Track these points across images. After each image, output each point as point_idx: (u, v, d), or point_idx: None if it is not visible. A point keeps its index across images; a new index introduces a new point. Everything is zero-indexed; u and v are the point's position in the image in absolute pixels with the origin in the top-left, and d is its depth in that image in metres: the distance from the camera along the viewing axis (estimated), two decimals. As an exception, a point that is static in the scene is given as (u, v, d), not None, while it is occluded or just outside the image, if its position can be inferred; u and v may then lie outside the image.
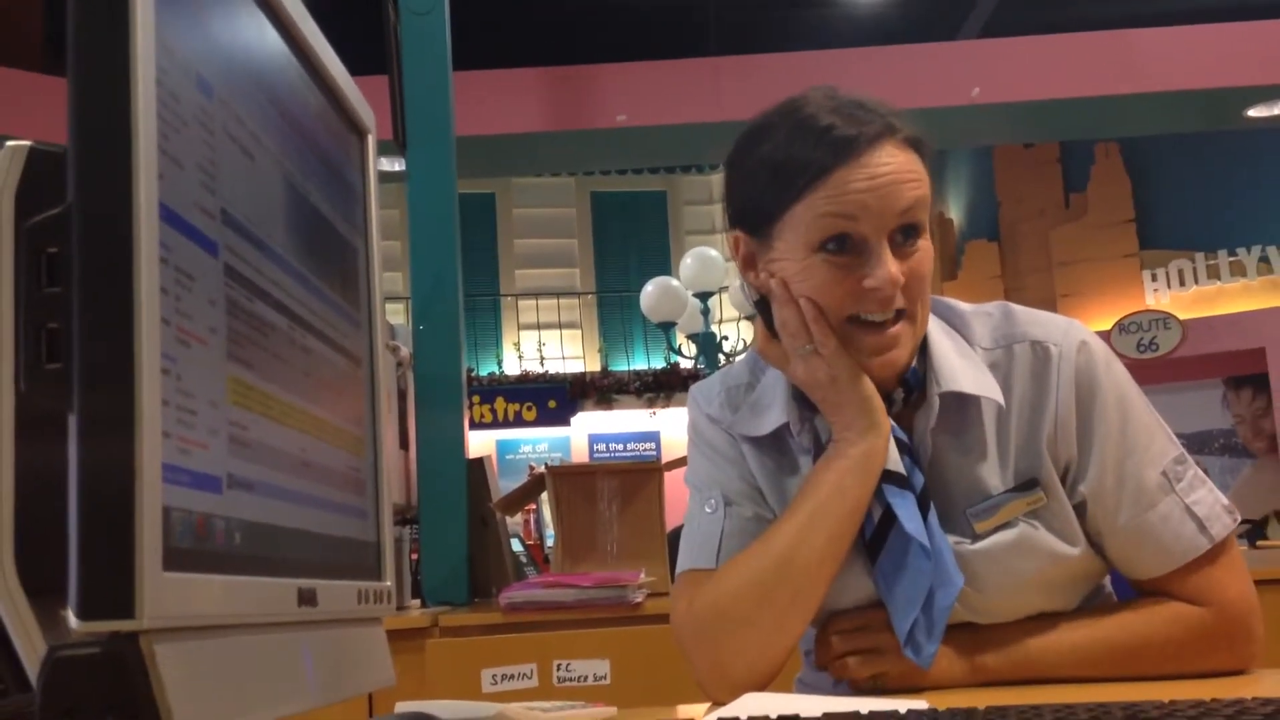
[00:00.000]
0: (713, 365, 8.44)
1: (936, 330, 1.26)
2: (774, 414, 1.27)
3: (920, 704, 0.88)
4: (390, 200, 9.93)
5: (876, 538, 1.19)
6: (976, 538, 1.20)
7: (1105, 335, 10.69)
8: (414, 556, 3.35)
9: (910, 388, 1.23)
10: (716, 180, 14.11)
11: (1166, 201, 11.56)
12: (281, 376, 0.62)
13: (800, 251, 1.17)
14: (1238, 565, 1.21)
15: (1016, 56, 7.33)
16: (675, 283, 8.09)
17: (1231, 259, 11.05)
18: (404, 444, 3.33)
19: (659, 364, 13.13)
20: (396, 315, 11.45)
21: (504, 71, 7.04)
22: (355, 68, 0.82)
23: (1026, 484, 1.20)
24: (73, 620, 0.44)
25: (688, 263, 7.86)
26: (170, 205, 0.49)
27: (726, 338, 9.55)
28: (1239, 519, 1.23)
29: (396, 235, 10.07)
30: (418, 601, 3.20)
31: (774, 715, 0.83)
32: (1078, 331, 1.26)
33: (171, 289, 0.48)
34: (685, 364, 11.91)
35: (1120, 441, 1.20)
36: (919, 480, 1.19)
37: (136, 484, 0.44)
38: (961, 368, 1.22)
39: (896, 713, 0.81)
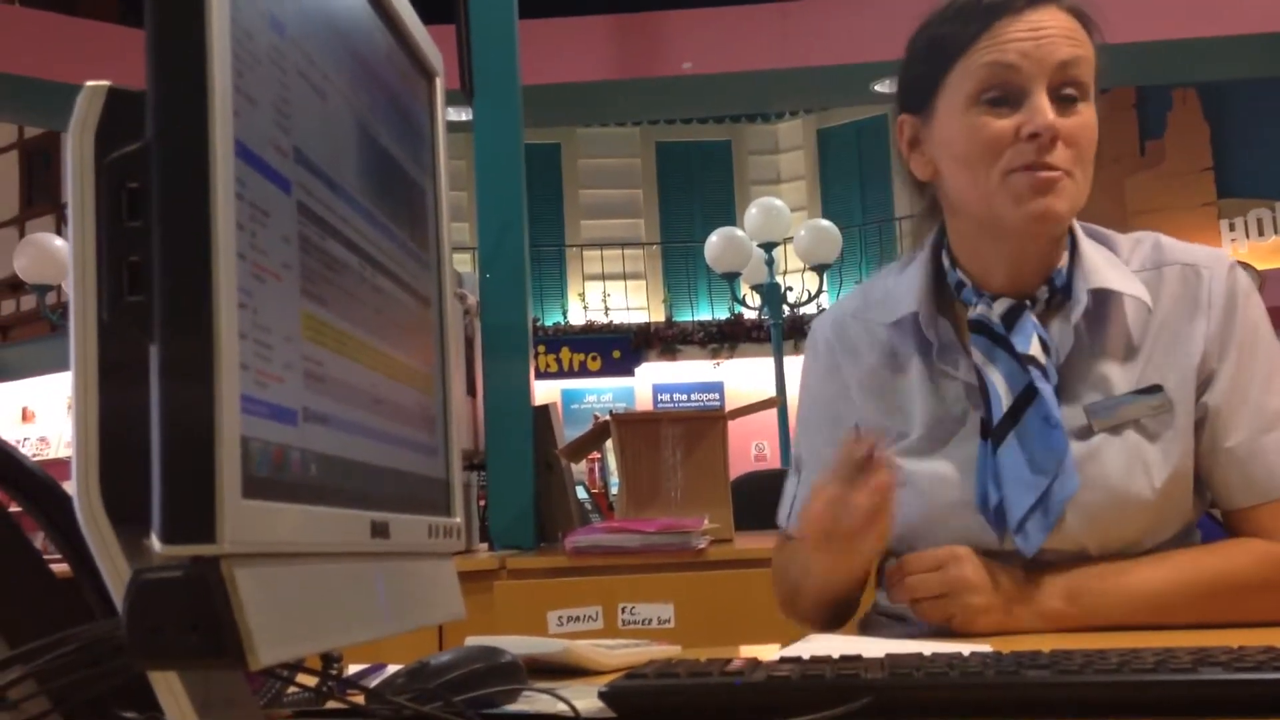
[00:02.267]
0: (777, 316, 8.41)
1: (1086, 240, 1.26)
2: (906, 303, 1.29)
3: (985, 647, 0.89)
4: (457, 151, 9.98)
5: (1010, 417, 1.19)
6: (1091, 434, 1.20)
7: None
8: (481, 503, 3.40)
9: (1055, 289, 1.24)
10: (782, 129, 13.99)
11: (1245, 149, 11.27)
12: (353, 314, 0.63)
13: (960, 108, 1.19)
14: None
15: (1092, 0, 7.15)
16: (740, 233, 8.05)
17: (1313, 208, 10.78)
18: (471, 391, 3.37)
19: (723, 315, 13.11)
20: (464, 265, 11.53)
21: (569, 20, 7.01)
22: (423, 16, 0.83)
23: (1151, 389, 1.20)
24: (156, 545, 0.46)
25: (752, 213, 7.82)
26: (245, 142, 0.50)
27: (791, 288, 9.50)
28: None
29: (463, 186, 10.13)
30: (485, 545, 3.24)
31: (836, 655, 0.83)
32: (1227, 259, 1.27)
33: (247, 225, 0.49)
34: (749, 315, 11.88)
35: (1250, 364, 1.21)
36: (1055, 378, 1.20)
37: (216, 413, 0.45)
38: (1110, 270, 1.23)
39: (960, 654, 0.81)
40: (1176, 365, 1.21)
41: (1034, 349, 1.20)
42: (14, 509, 0.69)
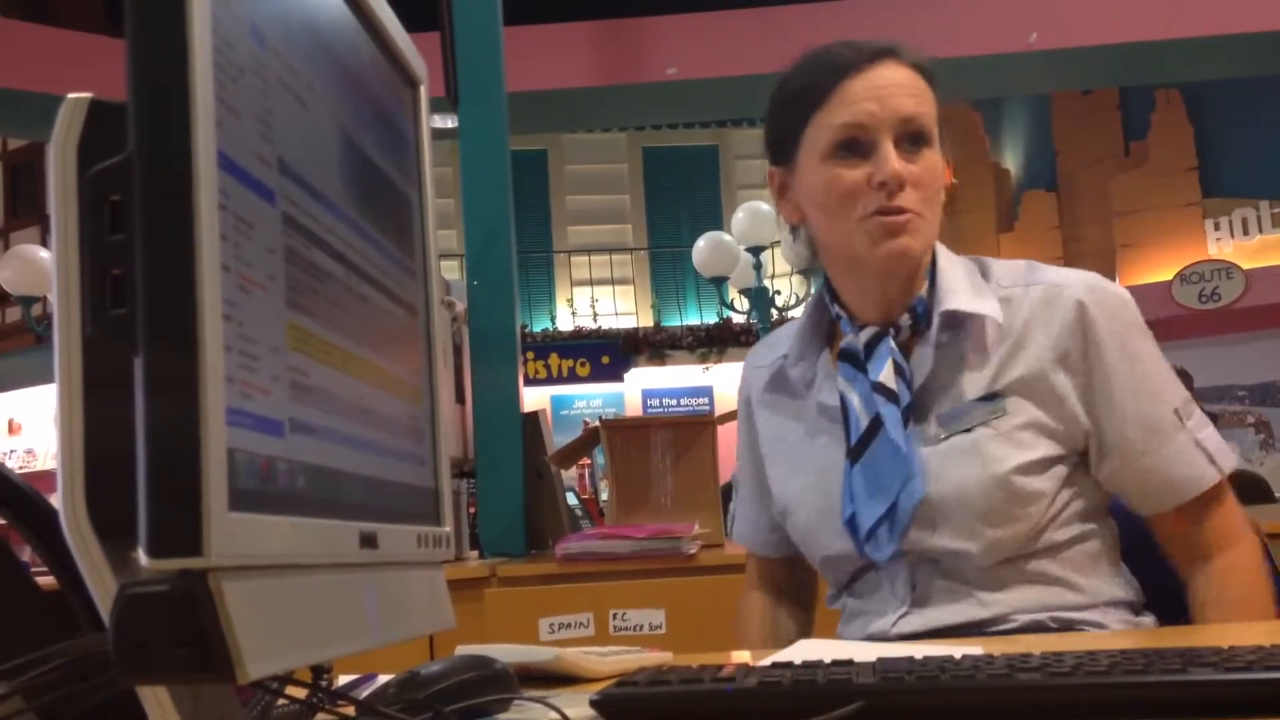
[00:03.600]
0: (765, 320, 8.42)
1: (949, 260, 1.36)
2: (783, 345, 1.45)
3: (976, 649, 0.89)
4: (443, 158, 9.97)
5: (862, 443, 1.31)
6: (940, 439, 1.30)
7: (1166, 286, 10.57)
8: (471, 510, 3.39)
9: (917, 316, 1.33)
10: (768, 133, 13.91)
11: (1229, 148, 11.30)
12: (340, 324, 0.62)
13: (817, 161, 1.31)
14: (1234, 498, 1.34)
15: (1074, 0, 7.17)
16: (727, 237, 8.05)
17: (1297, 207, 10.82)
18: (460, 398, 3.36)
19: (711, 319, 13.11)
20: (451, 272, 11.51)
21: (554, 26, 7.00)
22: (407, 24, 0.83)
23: (990, 396, 1.29)
24: (143, 559, 0.45)
25: (739, 217, 7.82)
26: (228, 153, 0.49)
27: (779, 292, 9.51)
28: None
29: (449, 193, 10.12)
30: (475, 553, 3.24)
31: (828, 660, 0.83)
32: (1096, 279, 1.34)
33: (231, 236, 0.49)
34: (738, 319, 11.88)
35: (1126, 380, 1.29)
36: (906, 398, 1.30)
37: (202, 426, 0.45)
38: (966, 292, 1.32)
39: (951, 658, 0.81)
40: (1020, 369, 1.29)
41: (884, 375, 1.31)
42: (0, 523, 0.69)
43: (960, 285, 1.33)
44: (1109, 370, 1.28)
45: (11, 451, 10.48)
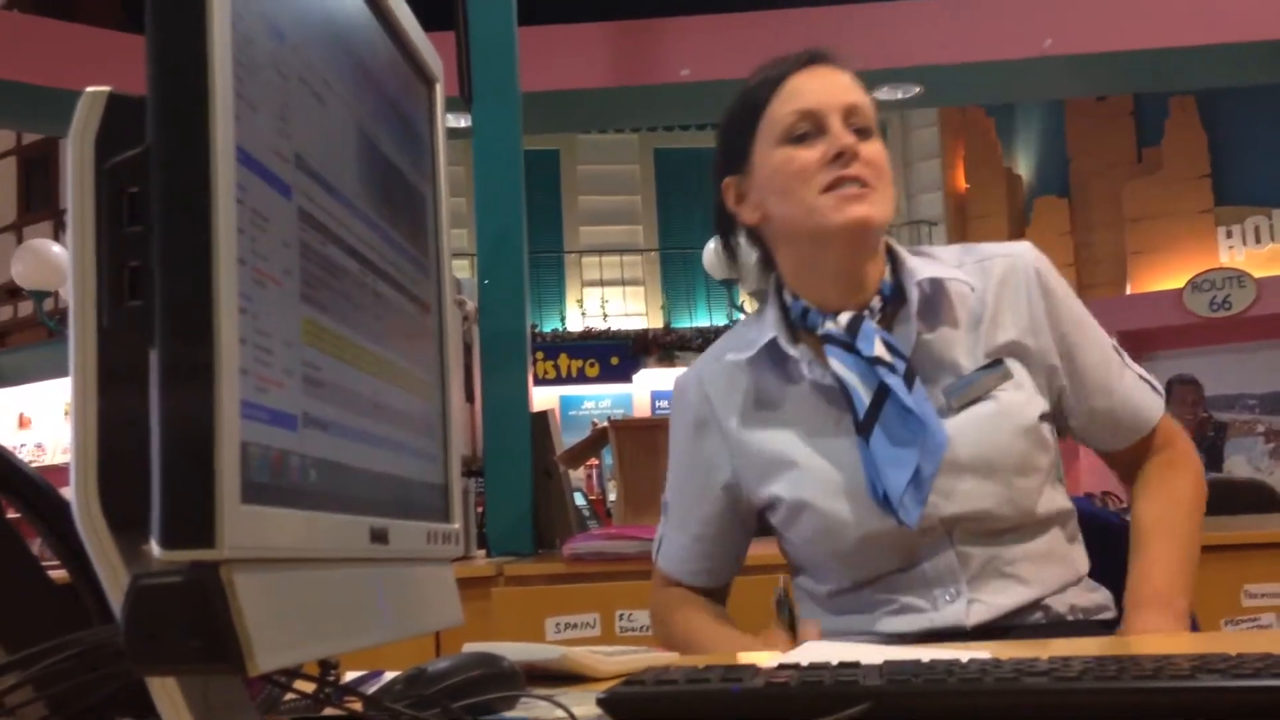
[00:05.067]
0: (776, 322, 8.38)
1: (904, 251, 1.42)
2: (762, 336, 1.42)
3: (983, 653, 0.89)
4: (456, 157, 9.97)
5: (871, 413, 1.32)
6: (953, 411, 1.34)
7: (1178, 293, 10.52)
8: (479, 509, 3.40)
9: (885, 298, 1.38)
10: (781, 136, 13.89)
11: (1243, 156, 11.26)
12: (353, 319, 0.63)
13: (772, 152, 1.37)
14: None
15: (1090, 6, 7.15)
16: (739, 239, 8.05)
17: (1310, 215, 10.77)
18: (469, 397, 3.37)
19: (721, 321, 13.09)
20: (462, 271, 11.51)
21: (568, 27, 7.00)
22: (423, 23, 0.83)
23: (993, 364, 1.36)
24: (155, 550, 0.46)
25: (751, 219, 7.81)
26: (246, 147, 0.50)
27: (790, 295, 9.48)
28: None
29: (462, 192, 10.13)
30: (483, 552, 3.24)
31: (835, 661, 0.83)
32: (1030, 246, 1.45)
33: (247, 230, 0.49)
34: (748, 321, 11.86)
35: (1079, 331, 1.41)
36: (901, 365, 1.33)
37: (216, 419, 0.45)
38: (932, 267, 1.39)
39: (959, 661, 0.81)
40: (1007, 334, 1.37)
41: (878, 350, 1.33)
42: (12, 515, 0.69)
43: (921, 263, 1.39)
44: (1070, 324, 1.40)
45: (21, 445, 10.52)
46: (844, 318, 1.36)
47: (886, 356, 1.32)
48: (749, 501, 1.45)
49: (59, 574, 0.68)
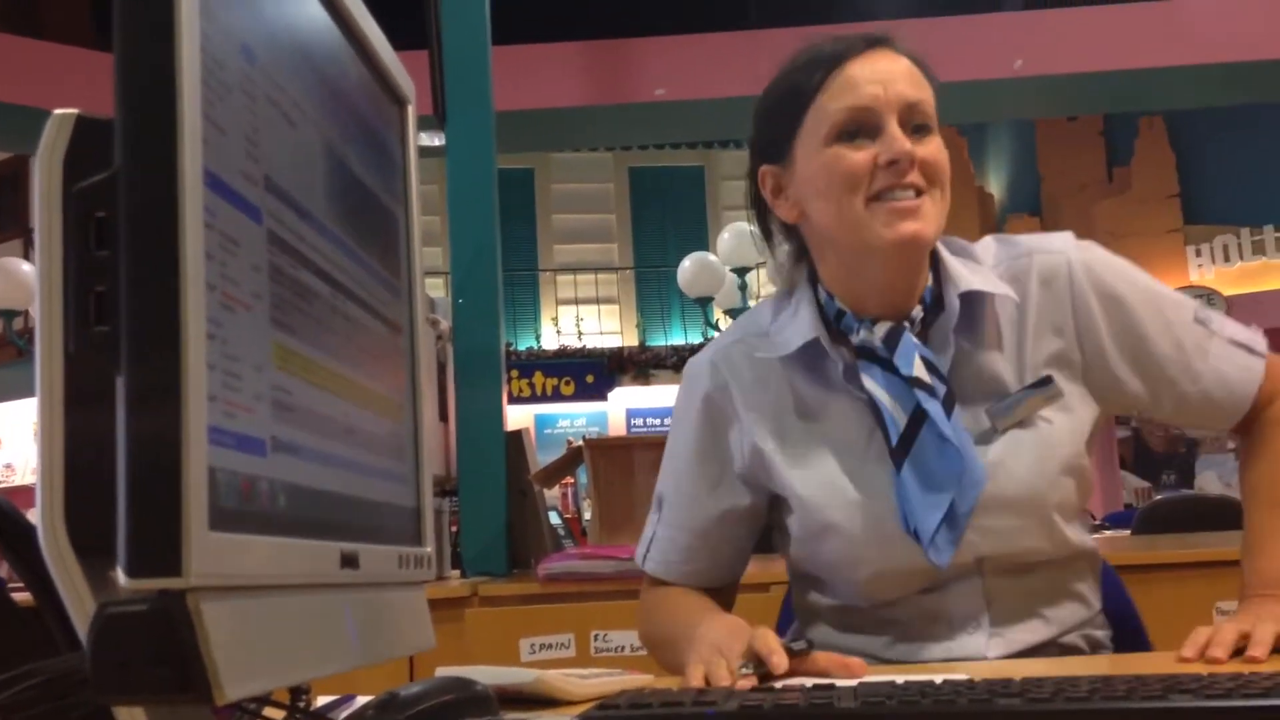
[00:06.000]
0: (750, 340, 8.39)
1: (948, 253, 1.31)
2: (802, 333, 1.29)
3: (959, 675, 0.89)
4: (429, 175, 9.95)
5: (905, 440, 1.23)
6: (997, 434, 1.25)
7: (1148, 311, 10.62)
8: (453, 529, 3.38)
9: (927, 306, 1.28)
10: (755, 155, 13.95)
11: (1211, 176, 11.39)
12: (324, 343, 0.62)
13: (818, 150, 1.24)
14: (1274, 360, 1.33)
15: (1060, 28, 7.23)
16: (713, 258, 8.06)
17: (1278, 234, 10.88)
18: (443, 416, 3.35)
19: (696, 339, 13.10)
20: (436, 290, 11.49)
21: (542, 46, 7.02)
22: (396, 42, 0.83)
23: (1042, 381, 1.26)
24: (121, 578, 0.45)
25: (725, 238, 7.83)
26: (214, 171, 0.49)
27: (764, 313, 9.49)
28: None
29: (436, 210, 10.10)
30: (457, 572, 3.22)
31: (809, 684, 0.83)
32: (1069, 239, 1.33)
33: (216, 254, 0.49)
34: (723, 339, 11.87)
35: (1146, 313, 1.28)
36: (941, 390, 1.23)
37: (183, 445, 0.45)
38: (974, 275, 1.28)
39: (932, 682, 0.81)
40: (1051, 346, 1.27)
41: (917, 369, 1.23)
42: (-23, 540, 0.68)
43: (965, 269, 1.28)
44: (1127, 321, 1.28)
45: (-10, 465, 10.40)
46: (881, 329, 1.25)
47: (926, 378, 1.22)
48: (763, 502, 1.36)
49: (24, 598, 0.67)
